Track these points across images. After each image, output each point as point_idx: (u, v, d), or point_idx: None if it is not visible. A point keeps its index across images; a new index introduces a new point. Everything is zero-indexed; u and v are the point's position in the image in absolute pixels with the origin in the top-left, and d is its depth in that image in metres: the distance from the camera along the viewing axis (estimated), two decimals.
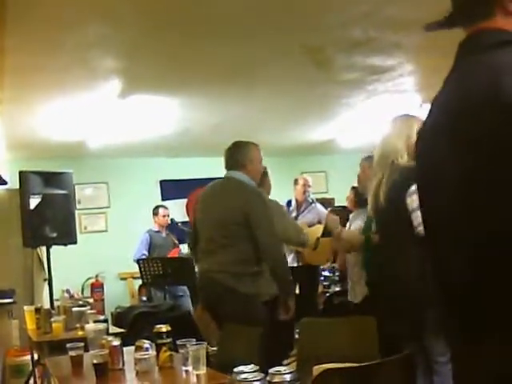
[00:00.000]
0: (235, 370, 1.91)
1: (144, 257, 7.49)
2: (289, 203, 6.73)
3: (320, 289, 7.26)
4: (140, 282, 7.57)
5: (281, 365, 2.22)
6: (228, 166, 4.22)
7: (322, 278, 7.53)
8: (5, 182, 1.82)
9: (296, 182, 6.81)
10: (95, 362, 2.78)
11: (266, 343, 3.19)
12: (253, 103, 6.48)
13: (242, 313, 3.80)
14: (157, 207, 8.13)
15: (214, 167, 4.57)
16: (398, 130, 3.40)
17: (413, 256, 3.00)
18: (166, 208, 8.10)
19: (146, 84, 5.44)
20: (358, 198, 4.82)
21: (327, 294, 7.21)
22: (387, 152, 3.31)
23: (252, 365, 1.93)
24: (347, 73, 5.44)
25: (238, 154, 4.19)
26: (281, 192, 6.51)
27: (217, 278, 4.05)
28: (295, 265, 6.37)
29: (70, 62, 4.67)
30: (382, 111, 7.02)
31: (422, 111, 3.25)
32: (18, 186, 5.36)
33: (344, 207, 6.17)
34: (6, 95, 5.27)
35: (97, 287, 7.50)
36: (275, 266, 4.00)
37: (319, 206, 6.79)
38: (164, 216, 8.00)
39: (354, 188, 5.09)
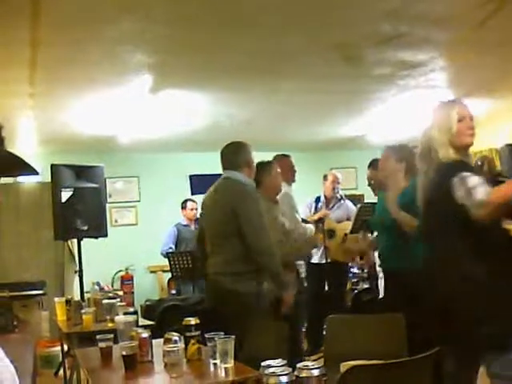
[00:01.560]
0: (263, 364, 1.92)
1: (171, 250, 7.54)
2: (317, 199, 6.72)
3: (348, 286, 7.25)
4: (169, 275, 7.62)
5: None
6: (225, 166, 4.29)
7: (351, 275, 7.51)
8: (36, 173, 1.84)
9: (325, 177, 6.79)
10: (124, 353, 2.81)
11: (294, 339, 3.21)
12: (282, 98, 6.47)
13: (244, 313, 3.81)
14: (185, 201, 8.17)
15: None
16: (437, 121, 3.20)
17: (463, 253, 2.86)
18: (194, 201, 8.13)
19: (176, 79, 5.46)
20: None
21: (355, 291, 7.19)
22: (427, 146, 3.13)
23: (280, 359, 1.93)
24: (378, 68, 5.41)
25: (235, 155, 4.26)
26: (310, 188, 6.53)
27: (217, 280, 4.17)
28: (323, 261, 6.37)
29: (102, 57, 4.71)
30: (413, 107, 6.97)
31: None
32: (49, 180, 5.42)
33: (374, 203, 6.15)
34: (38, 89, 5.33)
35: (127, 280, 7.56)
36: (264, 262, 4.04)
37: (348, 203, 6.77)
38: (192, 209, 8.03)
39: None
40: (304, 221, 6.05)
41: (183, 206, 8.14)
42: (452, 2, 3.99)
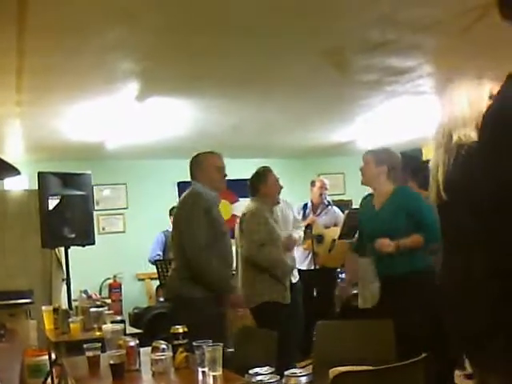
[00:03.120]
0: (250, 371, 1.91)
1: (158, 257, 7.51)
2: (305, 206, 6.72)
3: (337, 291, 7.24)
4: (157, 282, 7.59)
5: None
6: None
7: (339, 281, 7.51)
8: (18, 173, 1.83)
9: (313, 183, 6.80)
10: (112, 362, 2.79)
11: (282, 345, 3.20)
12: (270, 104, 6.48)
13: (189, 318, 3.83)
14: (173, 208, 8.12)
15: (232, 168, 4.59)
16: (464, 97, 2.72)
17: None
18: None
19: (163, 86, 5.45)
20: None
21: (344, 297, 7.19)
22: (449, 128, 2.65)
23: (267, 367, 1.92)
24: (366, 74, 5.42)
25: (191, 166, 4.49)
26: (298, 193, 6.53)
27: (169, 285, 4.44)
28: (312, 268, 6.37)
29: (89, 65, 4.69)
30: (400, 113, 7.00)
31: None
32: (36, 187, 5.39)
33: None
34: (25, 97, 5.30)
35: (115, 288, 7.52)
36: (197, 270, 4.09)
37: (336, 209, 6.78)
38: None
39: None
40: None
41: (171, 212, 8.11)
42: (438, 8, 4.00)
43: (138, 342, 2.99)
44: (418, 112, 6.93)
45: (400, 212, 4.15)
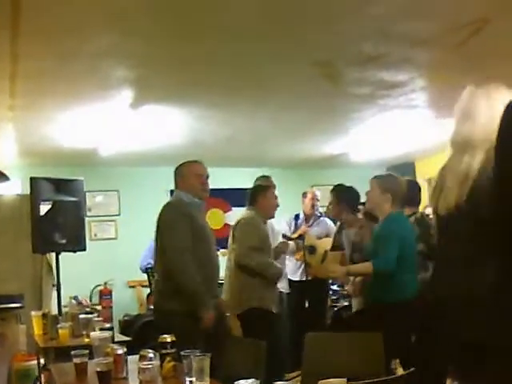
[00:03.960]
0: (235, 383, 1.91)
1: (149, 265, 7.49)
2: (296, 217, 6.73)
3: (329, 303, 7.24)
4: (148, 290, 7.58)
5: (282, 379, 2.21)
6: None
7: (331, 292, 7.50)
8: (7, 178, 1.85)
9: (304, 195, 6.81)
10: (99, 369, 2.78)
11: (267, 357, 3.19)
12: (264, 116, 6.50)
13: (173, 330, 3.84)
14: None
15: (224, 177, 4.61)
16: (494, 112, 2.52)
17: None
18: None
19: (157, 94, 5.46)
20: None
21: (335, 309, 7.18)
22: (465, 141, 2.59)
23: (252, 379, 1.92)
24: (358, 87, 5.44)
25: (175, 175, 4.43)
26: (291, 204, 6.53)
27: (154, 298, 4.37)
28: (304, 279, 6.37)
29: (83, 71, 4.70)
30: (393, 126, 7.02)
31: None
32: (28, 192, 5.38)
33: None
34: (18, 102, 5.31)
35: (105, 294, 7.46)
36: (177, 279, 4.05)
37: (327, 220, 6.78)
38: None
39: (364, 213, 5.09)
40: (285, 237, 6.07)
41: None
42: (432, 22, 4.03)
43: (125, 350, 2.98)
44: (411, 126, 6.96)
45: (387, 236, 4.22)
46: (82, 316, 4.39)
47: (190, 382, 2.69)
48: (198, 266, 4.06)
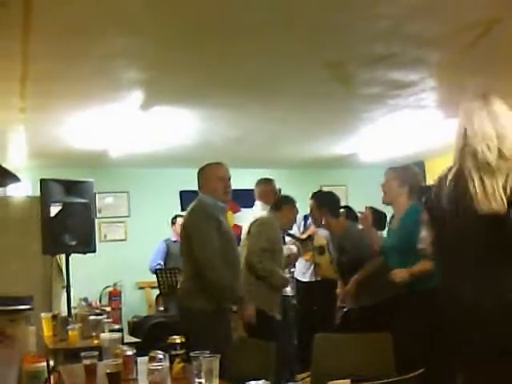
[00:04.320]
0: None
1: (159, 266, 7.50)
2: (306, 218, 6.71)
3: (338, 303, 7.21)
4: (158, 291, 7.58)
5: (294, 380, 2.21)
6: None
7: None
8: (18, 180, 1.84)
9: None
10: (108, 371, 2.78)
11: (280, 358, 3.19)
12: (273, 116, 6.49)
13: (198, 329, 3.88)
14: (175, 217, 8.15)
15: (235, 178, 4.59)
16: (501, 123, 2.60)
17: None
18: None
19: (167, 96, 5.46)
20: (376, 218, 4.80)
21: (344, 309, 7.15)
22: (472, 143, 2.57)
23: (263, 380, 1.92)
24: (368, 87, 5.43)
25: (197, 177, 4.47)
26: (301, 204, 6.50)
27: (178, 297, 4.41)
28: (313, 279, 6.36)
29: (94, 72, 4.70)
30: (403, 126, 7.00)
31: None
32: (39, 194, 5.40)
33: None
34: (29, 103, 5.32)
35: (115, 296, 7.49)
36: (206, 275, 4.09)
37: None
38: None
39: (370, 208, 5.02)
40: (294, 237, 6.07)
41: (173, 221, 8.12)
42: (443, 23, 4.02)
43: (135, 351, 2.98)
44: (421, 126, 6.94)
45: (414, 229, 4.14)
46: (91, 317, 4.41)
47: (200, 383, 2.69)
48: (227, 269, 4.14)
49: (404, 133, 7.33)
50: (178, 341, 2.91)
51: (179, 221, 8.00)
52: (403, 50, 4.49)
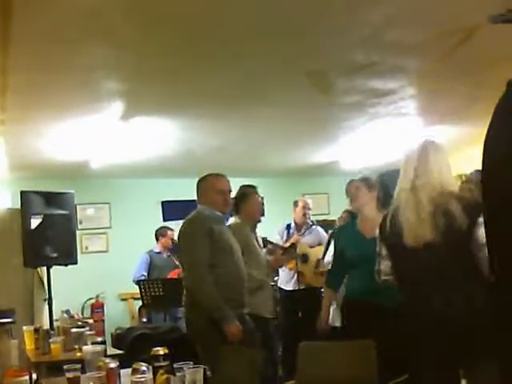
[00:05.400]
0: None
1: (143, 278, 7.47)
2: (288, 226, 6.70)
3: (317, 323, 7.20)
4: (140, 302, 7.55)
5: None
6: None
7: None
8: None
9: (296, 203, 6.78)
10: None
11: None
12: (254, 125, 6.50)
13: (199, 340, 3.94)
14: (164, 228, 8.10)
15: None
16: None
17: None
18: (172, 230, 8.08)
19: (148, 106, 5.46)
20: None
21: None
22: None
23: None
24: (348, 96, 5.46)
25: (196, 188, 4.41)
26: (282, 213, 6.53)
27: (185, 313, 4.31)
28: (297, 288, 6.35)
29: (73, 84, 4.69)
30: (383, 134, 7.04)
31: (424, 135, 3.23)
32: (19, 206, 5.36)
33: None
34: (9, 115, 5.29)
35: (97, 308, 7.47)
36: (192, 294, 4.07)
37: (319, 228, 6.77)
38: (172, 238, 7.94)
39: (347, 211, 5.03)
40: (277, 246, 6.05)
41: (162, 233, 8.05)
42: (422, 31, 4.05)
43: (118, 363, 2.96)
44: (401, 133, 6.99)
45: None
46: (73, 330, 4.37)
47: None
48: (221, 280, 4.03)
49: (384, 141, 7.37)
50: (162, 352, 2.89)
51: (170, 234, 7.96)
52: (382, 58, 4.52)
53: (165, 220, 8.94)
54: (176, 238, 4.38)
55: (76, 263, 5.52)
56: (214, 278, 4.01)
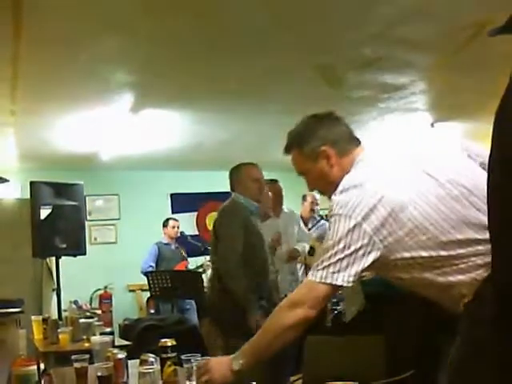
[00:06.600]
0: None
1: (151, 269, 7.49)
2: None
3: (328, 306, 7.20)
4: (148, 294, 7.57)
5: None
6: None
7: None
8: (6, 180, 1.85)
9: (304, 198, 6.78)
10: (99, 374, 2.76)
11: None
12: (264, 119, 6.49)
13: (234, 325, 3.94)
14: (167, 219, 8.16)
15: (224, 181, 4.59)
16: None
17: None
18: (176, 220, 8.13)
19: (157, 98, 5.46)
20: None
21: (335, 312, 7.14)
22: None
23: (254, 383, 1.92)
24: (359, 91, 5.44)
25: (230, 177, 4.46)
26: (292, 207, 6.50)
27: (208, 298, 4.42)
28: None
29: (84, 75, 4.70)
30: (393, 129, 7.02)
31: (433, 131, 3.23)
32: (28, 197, 5.38)
33: None
34: (19, 106, 5.31)
35: (105, 299, 7.46)
36: (227, 283, 4.10)
37: (327, 223, 6.75)
38: (174, 227, 8.02)
39: None
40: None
41: (165, 224, 8.12)
42: (433, 26, 4.03)
43: (126, 354, 2.97)
44: (411, 128, 6.96)
45: None
46: (82, 320, 4.38)
47: None
48: (250, 271, 4.11)
49: (394, 135, 7.35)
50: (169, 344, 2.90)
51: (171, 223, 8.01)
52: (393, 53, 4.51)
53: (173, 212, 8.96)
54: (182, 228, 4.41)
55: (85, 254, 5.53)
56: (243, 272, 4.09)
